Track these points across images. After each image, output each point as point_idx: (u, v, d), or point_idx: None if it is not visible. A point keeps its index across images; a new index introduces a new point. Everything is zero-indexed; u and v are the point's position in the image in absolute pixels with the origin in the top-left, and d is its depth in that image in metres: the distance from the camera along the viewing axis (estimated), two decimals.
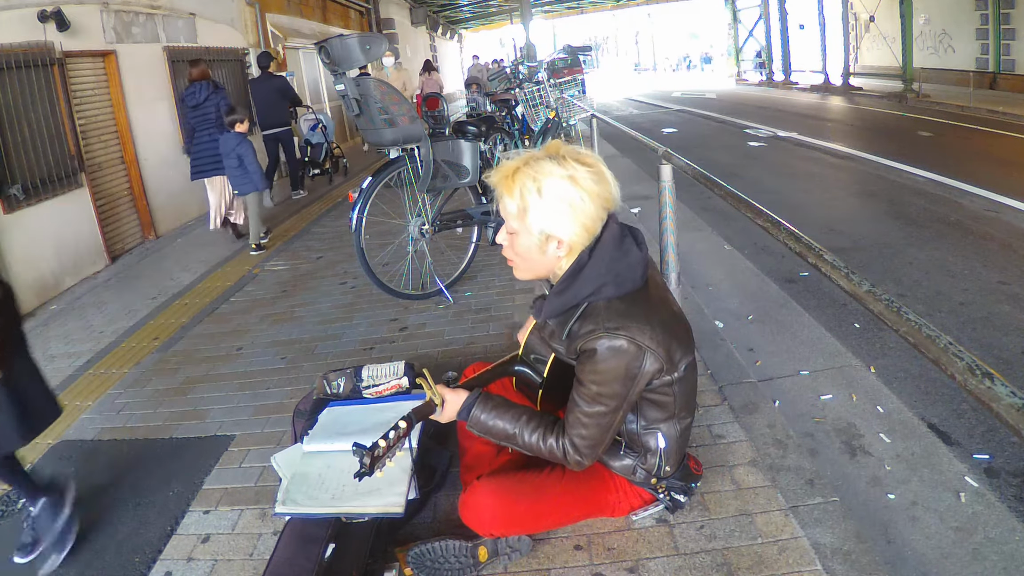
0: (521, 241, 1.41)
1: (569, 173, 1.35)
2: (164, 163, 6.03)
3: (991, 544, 1.76)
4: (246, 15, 7.98)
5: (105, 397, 2.80)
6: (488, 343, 2.94)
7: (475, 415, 1.46)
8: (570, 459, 1.43)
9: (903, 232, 4.57)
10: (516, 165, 1.39)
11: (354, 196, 3.24)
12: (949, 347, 1.01)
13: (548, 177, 1.35)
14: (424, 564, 1.57)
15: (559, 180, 1.35)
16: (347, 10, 13.07)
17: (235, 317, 3.62)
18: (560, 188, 1.35)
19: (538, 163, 1.37)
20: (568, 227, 1.37)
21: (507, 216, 1.41)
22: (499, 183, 1.40)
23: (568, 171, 1.35)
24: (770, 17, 20.70)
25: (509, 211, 1.39)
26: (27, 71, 4.35)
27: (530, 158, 1.39)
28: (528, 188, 1.36)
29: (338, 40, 3.01)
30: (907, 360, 2.77)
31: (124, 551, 1.82)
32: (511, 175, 1.38)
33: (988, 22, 13.05)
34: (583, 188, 1.35)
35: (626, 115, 14.43)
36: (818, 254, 1.44)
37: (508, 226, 1.42)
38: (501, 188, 1.40)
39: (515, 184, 1.37)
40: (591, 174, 1.36)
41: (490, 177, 1.43)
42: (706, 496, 1.78)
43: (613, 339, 1.34)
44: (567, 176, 1.35)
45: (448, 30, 25.80)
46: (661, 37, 41.62)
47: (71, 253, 4.66)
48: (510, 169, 1.39)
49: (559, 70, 6.95)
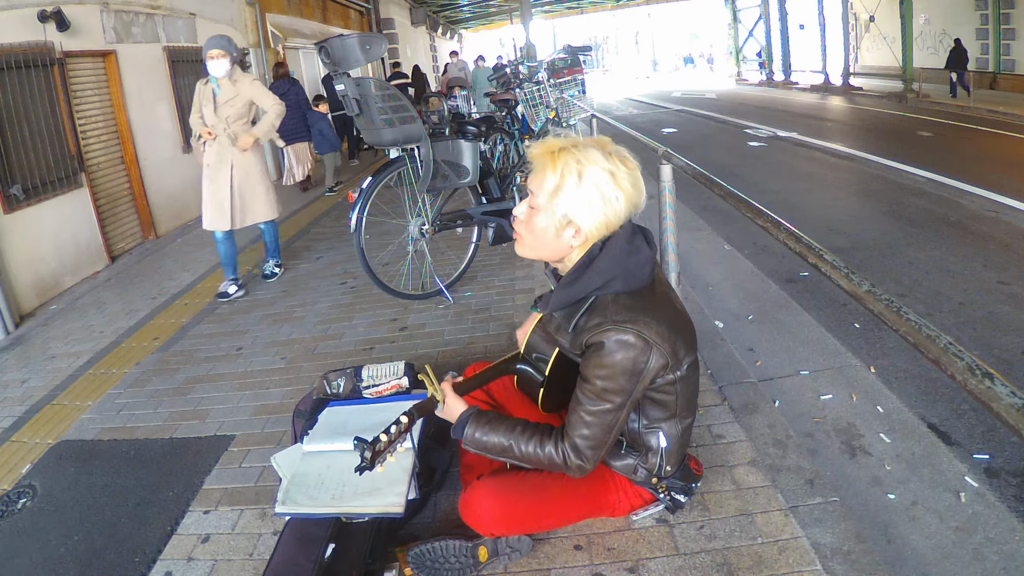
0: (540, 219, 1.40)
1: (612, 169, 1.35)
2: (164, 163, 6.03)
3: (991, 544, 1.76)
4: (246, 15, 7.98)
5: (105, 397, 2.80)
6: (488, 343, 2.94)
7: (468, 433, 1.45)
8: (571, 464, 1.40)
9: (903, 232, 4.57)
10: (563, 144, 1.38)
11: (354, 196, 3.24)
12: (949, 347, 1.01)
13: (592, 165, 1.35)
14: (424, 564, 1.57)
15: (602, 172, 1.35)
16: (347, 10, 13.06)
17: (235, 317, 3.62)
18: (600, 179, 1.35)
19: (586, 149, 1.37)
20: (593, 219, 1.37)
21: (538, 190, 1.39)
22: (540, 156, 1.39)
23: (612, 166, 1.35)
24: (770, 17, 20.72)
25: (544, 186, 1.38)
26: (27, 71, 4.35)
27: (578, 142, 1.39)
28: (570, 169, 1.35)
29: (338, 40, 3.01)
30: (907, 360, 2.77)
31: (124, 551, 1.82)
32: (556, 152, 1.37)
33: (988, 22, 13.06)
34: (620, 187, 1.36)
35: (626, 115, 14.43)
36: (818, 254, 1.44)
37: (533, 200, 1.41)
38: (543, 161, 1.38)
39: (558, 162, 1.36)
40: (630, 177, 1.37)
41: (530, 149, 1.41)
42: (706, 496, 1.78)
43: (621, 332, 1.34)
44: (609, 171, 1.35)
45: (448, 30, 25.80)
46: (661, 37, 41.65)
47: (71, 253, 4.66)
48: (556, 145, 1.38)
49: (559, 70, 6.94)
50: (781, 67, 19.86)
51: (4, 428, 2.62)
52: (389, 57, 13.78)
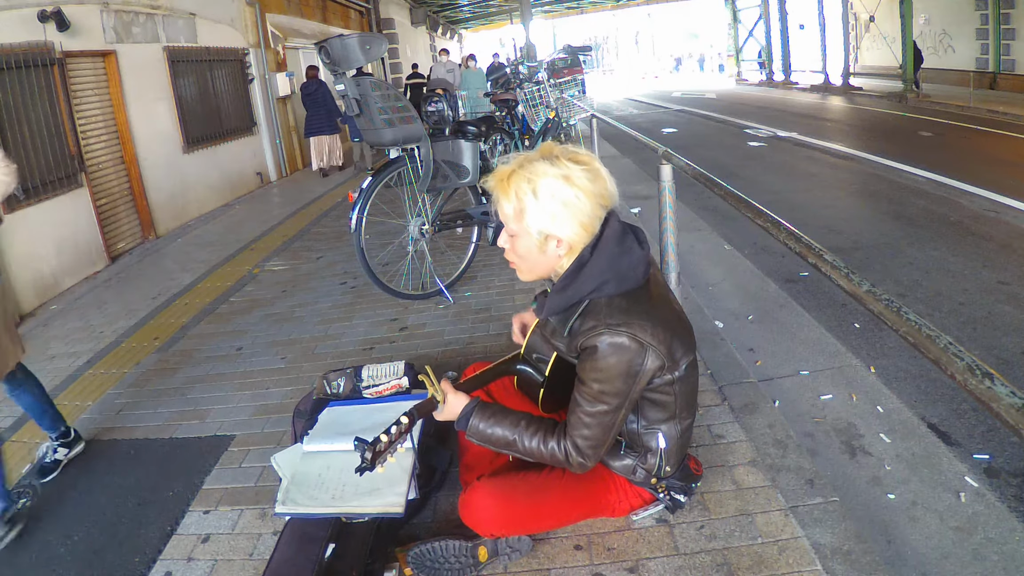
0: (521, 243, 1.42)
1: (563, 172, 1.36)
2: (164, 163, 6.03)
3: (991, 544, 1.76)
4: (246, 15, 7.98)
5: (105, 397, 2.80)
6: (488, 343, 2.94)
7: (473, 424, 1.46)
8: (572, 461, 1.42)
9: (903, 232, 4.57)
10: (511, 168, 1.40)
11: (354, 196, 3.24)
12: (949, 347, 1.01)
13: (542, 178, 1.36)
14: (424, 564, 1.57)
15: (553, 180, 1.35)
16: (347, 10, 13.06)
17: (235, 317, 3.62)
18: (554, 187, 1.35)
19: (532, 164, 1.38)
20: (565, 226, 1.37)
21: (505, 219, 1.42)
22: (495, 187, 1.41)
23: (562, 170, 1.36)
24: (770, 17, 20.71)
25: (507, 214, 1.41)
26: (27, 71, 4.35)
27: (524, 160, 1.40)
28: (523, 189, 1.36)
29: (338, 40, 3.00)
30: (907, 360, 2.77)
31: (124, 551, 1.82)
32: (506, 178, 1.39)
33: (988, 22, 13.06)
34: (578, 186, 1.36)
35: (626, 115, 14.43)
36: (818, 254, 1.44)
37: (508, 228, 1.43)
38: (497, 191, 1.41)
39: (510, 186, 1.38)
40: (586, 172, 1.37)
41: (487, 182, 1.44)
42: (706, 496, 1.78)
43: (615, 335, 1.34)
44: (561, 176, 1.36)
45: (448, 30, 25.79)
46: (661, 37, 41.62)
47: (71, 253, 4.66)
48: (505, 173, 1.40)
49: (559, 70, 6.94)
50: (781, 67, 19.85)
51: (4, 428, 2.62)
52: (389, 57, 13.80)
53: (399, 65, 14.76)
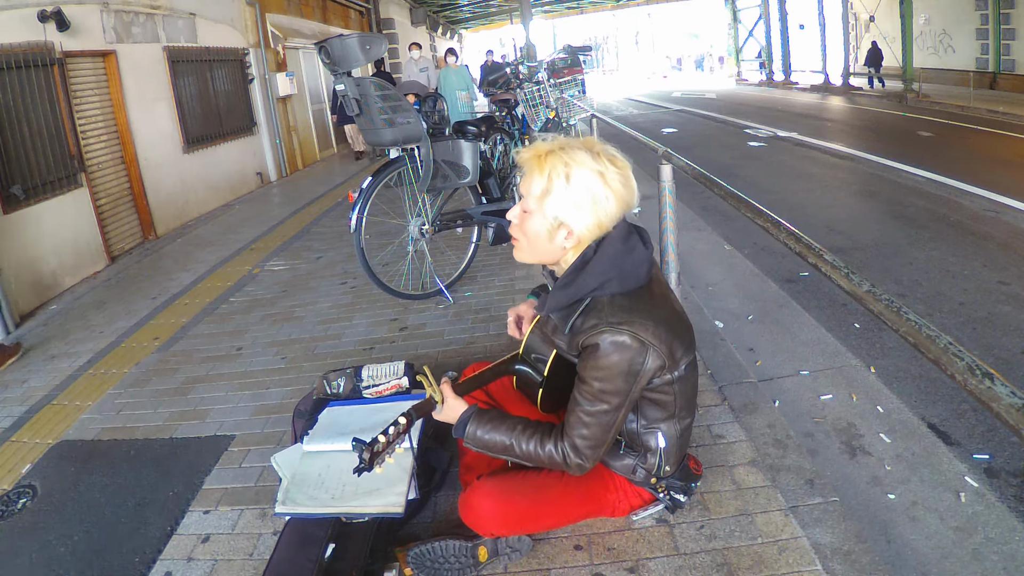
0: (533, 222, 1.40)
1: (600, 169, 1.35)
2: (164, 163, 6.03)
3: (991, 544, 1.76)
4: (246, 15, 7.98)
5: (105, 397, 2.80)
6: (488, 343, 2.94)
7: (470, 431, 1.45)
8: (571, 463, 1.41)
9: (903, 232, 4.57)
10: (551, 147, 1.38)
11: (354, 196, 3.24)
12: (949, 347, 1.01)
13: (580, 167, 1.35)
14: (424, 564, 1.57)
15: (590, 173, 1.35)
16: (347, 10, 13.06)
17: (235, 317, 3.62)
18: (588, 181, 1.35)
19: (573, 151, 1.37)
20: (584, 220, 1.37)
21: (527, 194, 1.40)
22: (529, 160, 1.39)
23: (600, 167, 1.35)
24: (770, 17, 20.72)
25: (532, 190, 1.39)
26: (27, 71, 4.35)
27: (566, 144, 1.39)
28: (558, 171, 1.35)
29: (338, 40, 3.00)
30: (907, 360, 2.77)
31: (124, 551, 1.82)
32: (544, 155, 1.38)
33: (988, 22, 13.07)
34: (610, 187, 1.36)
35: (626, 115, 14.43)
36: (818, 254, 1.44)
37: (525, 203, 1.41)
38: (531, 165, 1.39)
39: (546, 164, 1.37)
40: (620, 176, 1.37)
41: (519, 153, 1.42)
42: (706, 496, 1.78)
43: (616, 334, 1.34)
44: (598, 171, 1.35)
45: (448, 30, 25.80)
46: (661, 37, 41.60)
47: (71, 253, 4.66)
48: (543, 149, 1.39)
49: (559, 70, 6.94)
50: (781, 67, 19.86)
51: (4, 428, 2.62)
52: (389, 57, 13.78)
53: (399, 65, 14.76)
